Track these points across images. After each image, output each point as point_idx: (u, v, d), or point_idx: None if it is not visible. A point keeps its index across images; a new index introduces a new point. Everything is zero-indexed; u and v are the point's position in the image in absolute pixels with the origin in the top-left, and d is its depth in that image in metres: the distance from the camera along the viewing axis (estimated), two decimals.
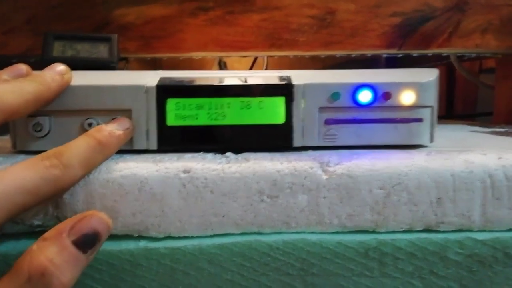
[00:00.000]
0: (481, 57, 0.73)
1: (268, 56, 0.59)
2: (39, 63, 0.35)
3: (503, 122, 0.65)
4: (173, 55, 0.51)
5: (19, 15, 0.48)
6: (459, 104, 0.95)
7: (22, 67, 0.27)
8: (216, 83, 0.29)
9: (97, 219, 0.21)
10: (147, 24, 0.50)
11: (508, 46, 0.57)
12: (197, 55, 0.52)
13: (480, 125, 0.58)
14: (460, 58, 0.73)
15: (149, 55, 0.50)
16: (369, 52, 0.55)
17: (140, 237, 0.26)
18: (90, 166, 0.25)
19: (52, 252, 0.20)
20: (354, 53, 0.54)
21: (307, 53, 0.53)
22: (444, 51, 0.57)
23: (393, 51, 0.55)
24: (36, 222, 0.26)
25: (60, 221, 0.25)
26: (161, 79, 0.29)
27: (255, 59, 0.71)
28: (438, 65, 0.88)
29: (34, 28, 0.49)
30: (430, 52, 0.56)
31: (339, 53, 0.54)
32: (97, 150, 0.25)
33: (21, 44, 0.49)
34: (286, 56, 0.55)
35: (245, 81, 0.29)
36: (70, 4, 0.48)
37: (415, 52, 0.56)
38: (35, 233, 0.26)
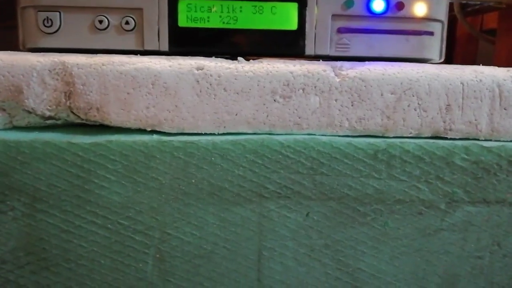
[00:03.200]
0: (485, 8, 0.72)
1: None
2: None
3: None
4: None
5: None
6: (458, 62, 0.95)
7: None
8: None
9: None
10: None
11: None
12: None
13: None
14: (463, 10, 0.73)
15: None
16: None
17: (153, 131, 0.26)
18: None
19: None
20: None
21: None
22: None
23: None
24: (48, 113, 0.26)
25: (73, 113, 0.25)
26: None
27: None
28: None
29: None
30: None
31: None
32: None
33: None
34: None
35: None
36: None
37: None
38: (47, 127, 0.26)
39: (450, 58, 0.97)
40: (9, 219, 0.25)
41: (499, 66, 0.72)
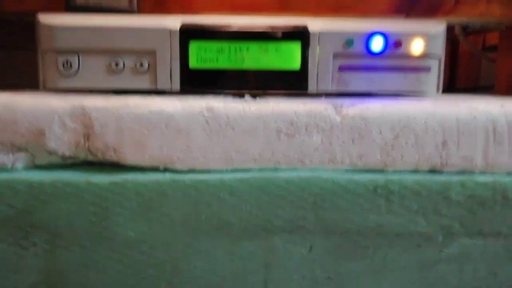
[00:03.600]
0: (485, 29, 0.74)
1: None
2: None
3: (504, 94, 0.67)
4: (185, 15, 0.52)
5: None
6: (462, 80, 0.97)
7: None
8: (236, 27, 0.30)
9: None
10: None
11: None
12: (209, 16, 0.53)
13: (482, 96, 0.60)
14: (464, 31, 0.74)
15: (161, 14, 0.51)
16: (377, 18, 0.56)
17: (166, 170, 0.28)
18: None
19: None
20: (363, 17, 0.55)
21: (318, 17, 0.54)
22: (450, 19, 0.58)
23: (400, 17, 0.56)
24: (68, 153, 0.27)
25: (91, 153, 0.27)
26: (184, 24, 0.30)
27: None
28: None
29: None
30: (436, 19, 0.57)
31: (348, 17, 0.55)
32: None
33: (37, 1, 0.50)
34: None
35: (264, 27, 0.31)
36: None
37: (421, 19, 0.57)
38: (67, 166, 0.28)
39: (453, 75, 0.98)
40: (31, 255, 0.27)
41: (501, 84, 0.72)
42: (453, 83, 0.99)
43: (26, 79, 0.44)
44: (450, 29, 0.72)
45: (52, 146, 0.27)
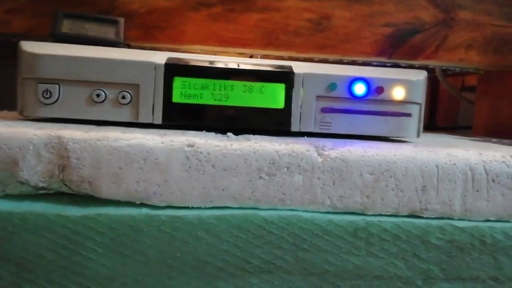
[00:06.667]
0: (464, 72, 0.77)
1: (264, 55, 0.61)
2: (44, 39, 0.36)
3: (481, 135, 0.68)
4: (172, 46, 0.52)
5: None
6: (441, 118, 0.99)
7: None
8: (222, 66, 0.30)
9: None
10: (150, 14, 0.51)
11: (490, 62, 0.60)
12: (196, 48, 0.53)
13: (461, 136, 0.61)
14: (444, 73, 0.77)
15: (149, 44, 0.51)
16: (360, 59, 0.57)
17: (142, 205, 0.27)
18: None
19: None
20: (346, 58, 0.57)
21: (302, 55, 0.56)
22: (431, 63, 0.60)
23: (382, 59, 0.58)
24: (41, 184, 0.26)
25: (65, 185, 0.26)
26: (169, 58, 0.30)
27: (251, 56, 0.73)
28: None
29: (38, 9, 0.49)
30: (417, 63, 0.59)
31: (332, 57, 0.56)
32: None
33: (24, 24, 0.50)
34: (281, 56, 0.57)
35: (249, 67, 0.31)
36: None
37: (403, 62, 0.58)
38: (38, 196, 0.27)
39: (433, 113, 1.01)
40: None
41: (478, 126, 0.74)
42: (434, 121, 1.01)
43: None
44: (430, 69, 0.74)
45: (25, 176, 0.26)
